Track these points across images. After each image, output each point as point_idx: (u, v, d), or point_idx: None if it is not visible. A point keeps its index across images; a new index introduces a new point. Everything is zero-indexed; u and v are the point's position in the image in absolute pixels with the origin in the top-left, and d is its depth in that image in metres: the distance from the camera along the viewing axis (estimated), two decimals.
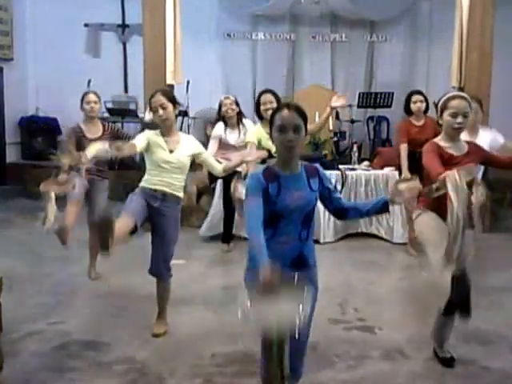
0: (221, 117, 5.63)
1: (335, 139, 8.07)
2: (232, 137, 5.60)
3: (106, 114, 8.63)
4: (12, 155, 9.28)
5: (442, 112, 3.13)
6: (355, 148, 7.00)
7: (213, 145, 5.58)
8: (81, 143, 4.45)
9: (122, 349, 3.48)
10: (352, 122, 8.80)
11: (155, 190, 3.55)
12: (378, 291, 4.70)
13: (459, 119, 3.05)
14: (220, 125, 5.66)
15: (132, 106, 8.68)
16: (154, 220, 3.59)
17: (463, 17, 6.68)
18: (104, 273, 4.78)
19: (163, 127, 3.56)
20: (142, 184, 3.61)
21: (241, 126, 5.60)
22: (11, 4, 9.19)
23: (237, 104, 5.59)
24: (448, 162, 3.05)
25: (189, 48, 7.27)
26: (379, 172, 6.41)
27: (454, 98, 3.10)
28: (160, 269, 3.63)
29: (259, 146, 4.56)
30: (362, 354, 3.47)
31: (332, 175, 6.24)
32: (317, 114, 7.23)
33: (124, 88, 9.60)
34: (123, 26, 9.71)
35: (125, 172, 7.62)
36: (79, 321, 3.91)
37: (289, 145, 2.32)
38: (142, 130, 4.15)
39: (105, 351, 3.46)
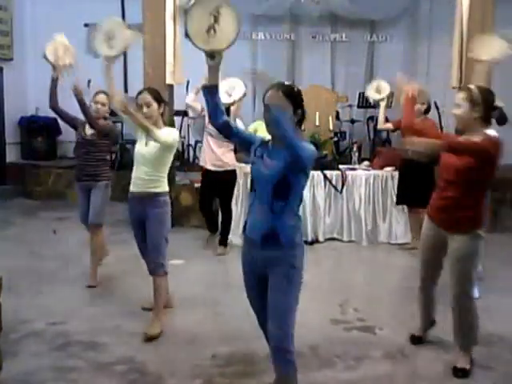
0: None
1: (335, 139, 8.07)
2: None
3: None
4: (12, 155, 9.26)
5: None
6: (355, 148, 7.00)
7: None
8: (77, 129, 4.71)
9: (122, 349, 3.48)
10: (352, 122, 8.80)
11: (133, 195, 3.68)
12: (378, 291, 4.70)
13: (455, 110, 3.13)
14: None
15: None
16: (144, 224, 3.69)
17: (463, 17, 6.67)
18: (105, 274, 4.77)
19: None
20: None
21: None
22: (11, 4, 9.18)
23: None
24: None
25: (189, 48, 7.24)
26: (379, 172, 6.40)
27: (459, 91, 3.21)
28: (154, 265, 3.68)
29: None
30: (362, 354, 3.47)
31: (332, 175, 6.26)
32: (317, 114, 7.27)
33: (124, 88, 9.58)
34: None
35: (125, 172, 7.60)
36: (79, 321, 3.91)
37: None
38: None
39: (105, 351, 3.47)
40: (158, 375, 3.19)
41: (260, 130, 4.79)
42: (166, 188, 3.70)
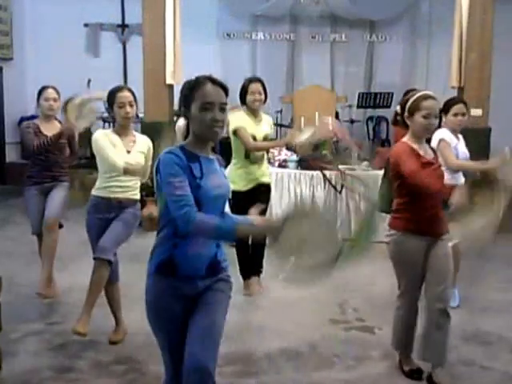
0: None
1: (335, 139, 8.06)
2: None
3: (106, 114, 8.63)
4: (12, 155, 9.29)
5: (412, 112, 3.00)
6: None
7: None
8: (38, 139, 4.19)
9: (122, 349, 3.48)
10: (352, 122, 8.81)
11: (109, 199, 3.44)
12: (378, 291, 4.70)
13: (432, 120, 2.99)
14: (181, 121, 5.22)
15: None
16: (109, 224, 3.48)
17: (463, 17, 6.68)
18: None
19: (122, 125, 3.46)
20: (96, 193, 3.48)
21: None
22: (11, 3, 9.19)
23: None
24: (425, 165, 3.00)
25: (189, 48, 7.27)
26: (378, 172, 6.40)
27: (426, 98, 2.99)
28: (106, 250, 3.41)
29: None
30: (361, 354, 3.47)
31: (331, 175, 6.26)
32: (316, 114, 7.27)
33: None
34: (123, 25, 9.71)
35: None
36: None
37: (215, 125, 2.06)
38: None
39: (105, 351, 3.47)
40: (157, 375, 3.18)
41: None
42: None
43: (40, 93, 4.31)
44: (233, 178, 4.04)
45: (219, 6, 9.41)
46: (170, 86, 6.90)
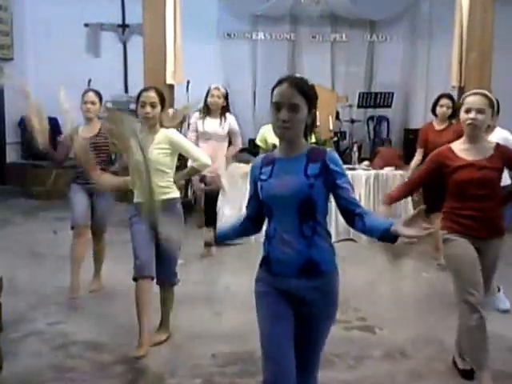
0: (205, 105, 5.33)
1: (335, 139, 8.07)
2: (210, 125, 5.31)
3: (106, 114, 8.64)
4: (12, 155, 9.28)
5: (459, 107, 3.07)
6: (355, 148, 7.00)
7: (191, 137, 5.29)
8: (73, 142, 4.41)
9: (122, 349, 3.48)
10: (352, 121, 8.80)
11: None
12: (378, 291, 4.71)
13: (472, 114, 2.93)
14: (195, 115, 5.43)
15: (132, 106, 8.68)
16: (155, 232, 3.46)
17: (463, 17, 6.68)
18: (106, 273, 4.77)
19: (145, 125, 3.46)
20: (135, 199, 3.51)
21: (223, 118, 5.31)
22: (11, 4, 9.18)
23: (226, 98, 5.33)
24: (459, 167, 2.97)
25: (189, 48, 7.27)
26: (379, 172, 6.41)
27: (470, 94, 3.03)
28: (169, 275, 3.58)
29: (266, 144, 5.21)
30: (362, 354, 3.47)
31: None
32: (317, 114, 7.28)
33: (124, 88, 9.59)
34: (123, 25, 9.70)
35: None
36: (79, 321, 3.92)
37: (282, 125, 2.05)
38: None
39: (105, 351, 3.47)
40: (158, 375, 3.20)
41: (270, 137, 4.81)
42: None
43: (82, 96, 4.50)
44: None
45: (219, 6, 9.40)
46: (171, 86, 6.90)
